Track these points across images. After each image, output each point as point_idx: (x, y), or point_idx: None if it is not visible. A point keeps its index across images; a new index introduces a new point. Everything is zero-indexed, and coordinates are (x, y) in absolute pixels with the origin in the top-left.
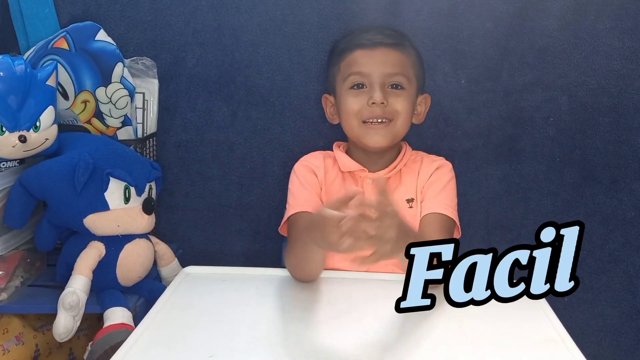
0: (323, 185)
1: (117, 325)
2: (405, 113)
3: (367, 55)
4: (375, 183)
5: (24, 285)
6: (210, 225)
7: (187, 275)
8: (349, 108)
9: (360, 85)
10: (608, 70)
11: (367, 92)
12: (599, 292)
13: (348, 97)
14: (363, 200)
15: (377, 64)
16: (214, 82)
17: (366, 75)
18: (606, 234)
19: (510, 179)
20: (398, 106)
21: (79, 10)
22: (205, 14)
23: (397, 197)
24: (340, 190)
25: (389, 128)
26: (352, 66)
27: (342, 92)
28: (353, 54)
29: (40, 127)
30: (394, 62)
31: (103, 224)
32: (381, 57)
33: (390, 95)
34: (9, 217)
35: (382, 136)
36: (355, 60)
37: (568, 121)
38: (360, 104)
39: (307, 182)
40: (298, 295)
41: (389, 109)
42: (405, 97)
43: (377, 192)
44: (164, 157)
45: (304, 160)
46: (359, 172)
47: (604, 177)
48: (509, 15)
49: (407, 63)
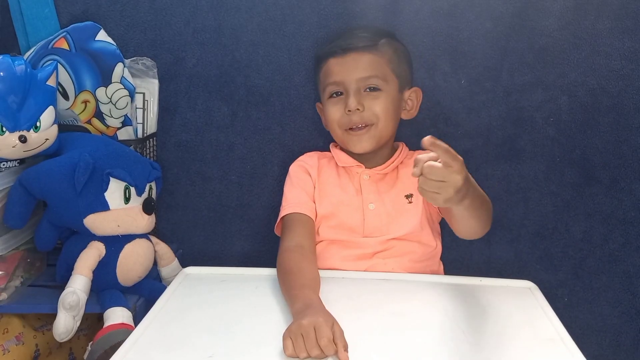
0: (317, 183)
1: (117, 325)
2: (385, 114)
3: (339, 64)
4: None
5: (24, 285)
6: (210, 225)
7: (187, 275)
8: (330, 117)
9: (338, 93)
10: (608, 70)
11: (344, 99)
12: (599, 292)
13: (328, 107)
14: (434, 141)
15: (348, 70)
16: (214, 82)
17: (340, 84)
18: (606, 234)
19: (510, 179)
20: (376, 109)
21: (79, 11)
22: (205, 14)
23: (395, 193)
24: (335, 187)
25: (371, 132)
26: (327, 76)
27: (324, 102)
28: (327, 64)
29: (41, 127)
30: (365, 65)
31: (103, 224)
32: (352, 62)
33: (366, 99)
34: (9, 217)
35: (365, 141)
36: (330, 70)
37: (568, 121)
38: (339, 112)
39: (299, 182)
40: None
41: (367, 114)
42: (384, 98)
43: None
44: (164, 157)
45: (299, 160)
46: (355, 167)
47: (604, 177)
48: (509, 15)
49: (380, 63)
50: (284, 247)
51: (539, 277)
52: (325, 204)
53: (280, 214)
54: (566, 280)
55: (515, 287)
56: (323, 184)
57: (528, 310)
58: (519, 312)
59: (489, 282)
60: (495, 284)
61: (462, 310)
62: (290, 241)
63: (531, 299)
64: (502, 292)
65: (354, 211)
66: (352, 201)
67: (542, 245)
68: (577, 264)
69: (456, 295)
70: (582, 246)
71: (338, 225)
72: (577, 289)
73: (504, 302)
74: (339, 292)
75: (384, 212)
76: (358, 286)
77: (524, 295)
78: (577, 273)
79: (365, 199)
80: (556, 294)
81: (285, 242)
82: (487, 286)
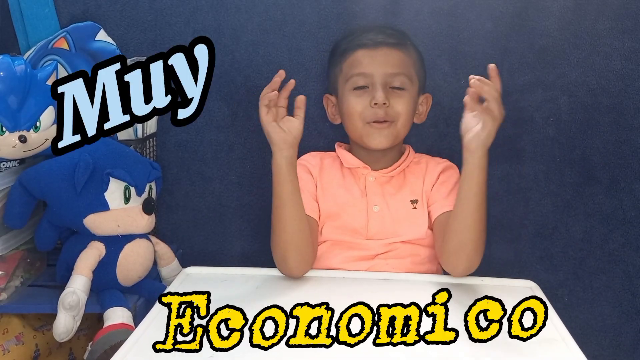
0: (318, 182)
1: (117, 325)
2: (406, 114)
3: (369, 56)
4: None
5: (24, 285)
6: (210, 225)
7: (188, 275)
8: (352, 109)
9: (363, 86)
10: (608, 70)
11: (369, 93)
12: (599, 292)
13: (350, 98)
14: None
15: (379, 64)
16: (213, 82)
17: (368, 76)
18: (606, 234)
19: (510, 179)
20: (400, 108)
21: (78, 10)
22: (205, 14)
23: (401, 197)
24: (339, 187)
25: (390, 129)
26: (354, 67)
27: (345, 93)
28: (355, 55)
29: (41, 127)
30: (395, 62)
31: (103, 224)
32: (383, 57)
33: (392, 96)
34: (9, 217)
35: (385, 137)
36: (358, 61)
37: (568, 121)
38: (363, 105)
39: (301, 182)
40: (298, 295)
41: (390, 111)
42: (407, 98)
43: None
44: (164, 157)
45: (301, 159)
46: (361, 169)
47: (604, 177)
48: (509, 15)
49: (408, 63)
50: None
51: (539, 277)
52: (330, 203)
53: None
54: (566, 280)
55: (517, 287)
56: (326, 184)
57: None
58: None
59: (490, 281)
60: (497, 284)
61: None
62: None
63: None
64: (503, 292)
65: (358, 212)
66: (357, 202)
67: (542, 245)
68: (577, 264)
69: (457, 295)
70: (582, 246)
71: (342, 225)
72: (577, 289)
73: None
74: (339, 292)
75: (388, 215)
76: (359, 286)
77: (525, 294)
78: (577, 273)
79: (370, 201)
80: (556, 294)
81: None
82: (488, 286)
